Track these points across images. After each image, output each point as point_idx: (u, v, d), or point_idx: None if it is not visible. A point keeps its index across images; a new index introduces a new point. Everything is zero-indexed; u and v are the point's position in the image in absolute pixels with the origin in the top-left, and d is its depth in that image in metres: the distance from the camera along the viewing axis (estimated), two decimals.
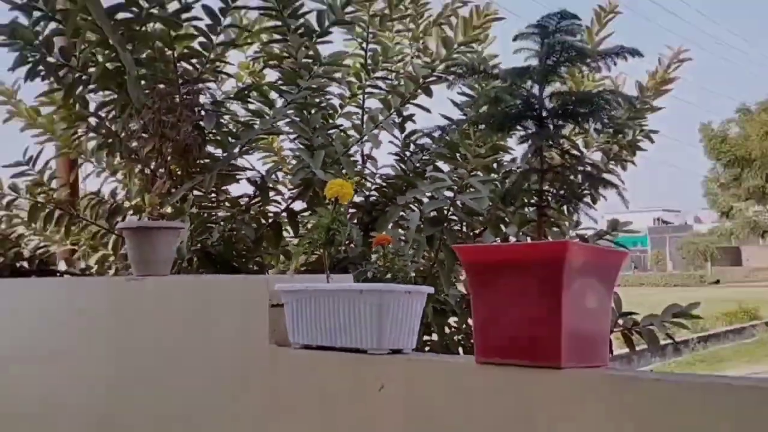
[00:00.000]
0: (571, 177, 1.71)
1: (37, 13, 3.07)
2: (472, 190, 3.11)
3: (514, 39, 1.76)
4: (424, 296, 2.02)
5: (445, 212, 3.07)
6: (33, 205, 3.63)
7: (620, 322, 3.33)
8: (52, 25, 3.14)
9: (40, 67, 3.21)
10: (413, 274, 2.86)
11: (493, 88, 2.09)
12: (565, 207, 1.77)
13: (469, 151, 2.87)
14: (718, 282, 34.48)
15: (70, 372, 2.90)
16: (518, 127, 1.82)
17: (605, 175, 3.61)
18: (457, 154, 3.43)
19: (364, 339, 1.93)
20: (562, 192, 1.70)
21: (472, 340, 3.50)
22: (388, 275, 2.11)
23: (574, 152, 2.43)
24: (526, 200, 2.20)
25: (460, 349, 3.55)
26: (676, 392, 1.39)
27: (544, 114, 1.72)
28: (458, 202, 2.94)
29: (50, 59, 3.20)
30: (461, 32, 3.47)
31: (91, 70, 3.22)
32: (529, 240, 3.07)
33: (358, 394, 1.95)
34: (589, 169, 1.69)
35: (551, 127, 1.74)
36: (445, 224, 3.03)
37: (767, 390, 1.28)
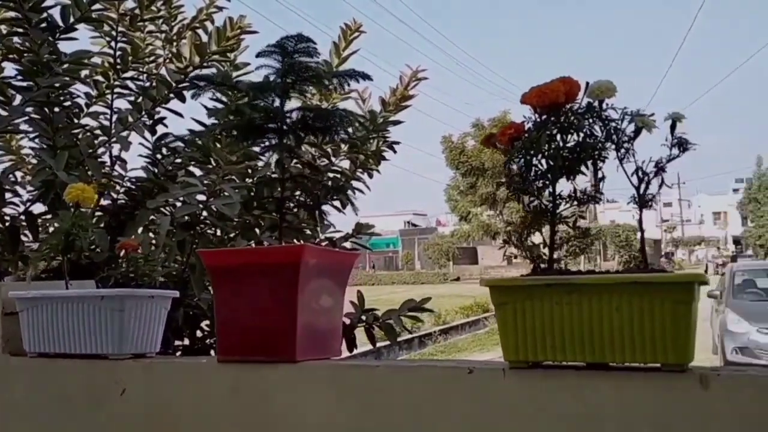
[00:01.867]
0: (311, 186, 1.88)
1: None
2: (227, 194, 3.18)
3: (257, 56, 1.89)
4: (168, 300, 2.08)
5: (199, 217, 3.11)
6: None
7: (363, 318, 3.61)
8: None
9: None
10: (162, 279, 2.87)
11: (239, 99, 2.20)
12: (314, 212, 1.94)
13: (221, 158, 2.94)
14: (458, 279, 37.92)
15: None
16: (266, 137, 1.96)
17: (354, 182, 3.92)
18: (211, 159, 3.48)
19: (105, 344, 1.93)
20: (304, 199, 1.86)
21: None
22: (133, 280, 2.12)
23: (319, 162, 2.62)
24: (271, 207, 2.35)
25: (212, 352, 3.60)
26: (391, 375, 1.62)
27: (285, 127, 1.87)
28: (212, 207, 2.99)
29: None
30: (215, 42, 3.52)
31: None
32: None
33: (99, 400, 1.95)
34: (337, 176, 1.86)
35: (293, 138, 1.90)
36: (198, 229, 3.07)
37: (460, 369, 1.55)
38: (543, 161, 1.53)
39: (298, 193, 2.09)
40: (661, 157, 1.42)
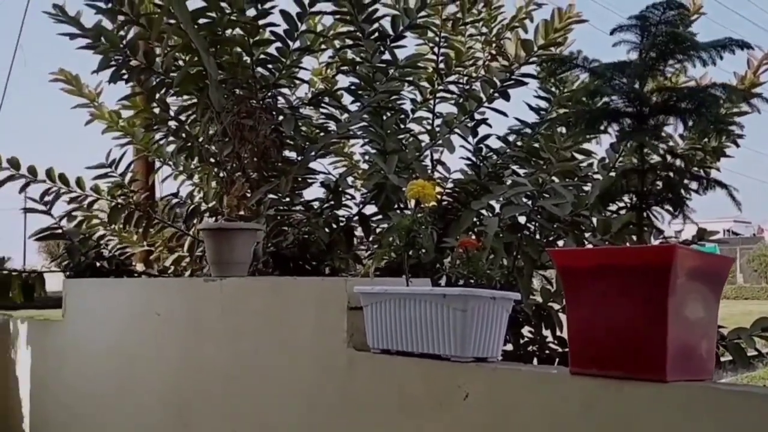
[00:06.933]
0: (676, 178, 1.62)
1: (121, 18, 3.13)
2: (546, 196, 3.02)
3: (612, 32, 1.68)
4: (510, 303, 1.95)
5: (524, 218, 2.99)
6: (113, 207, 3.70)
7: None
8: (136, 29, 3.20)
9: (123, 71, 3.27)
10: (499, 278, 2.79)
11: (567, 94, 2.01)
12: (679, 208, 1.67)
13: (553, 154, 2.77)
14: None
15: (147, 371, 2.93)
16: (614, 125, 1.75)
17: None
18: (534, 159, 3.35)
19: (447, 345, 1.87)
20: (665, 193, 1.60)
21: (547, 351, 3.42)
22: (472, 280, 2.04)
23: (679, 150, 2.31)
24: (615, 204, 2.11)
25: (535, 360, 3.46)
26: None
27: (645, 110, 1.63)
28: (541, 207, 2.85)
29: (133, 62, 3.26)
30: (541, 35, 3.38)
31: (173, 74, 3.26)
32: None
33: (440, 404, 1.88)
34: (695, 170, 1.59)
35: (652, 124, 1.66)
36: (525, 231, 2.95)
37: None
38: None
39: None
40: None
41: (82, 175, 3.84)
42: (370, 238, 3.76)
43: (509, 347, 3.39)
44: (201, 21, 3.00)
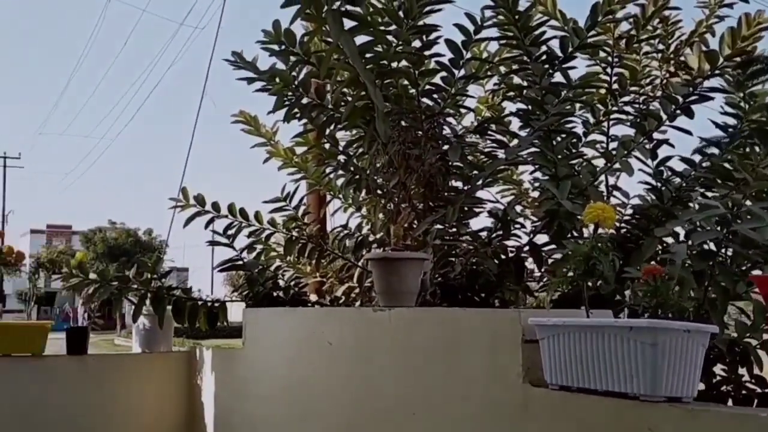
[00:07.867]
0: None
1: (293, 58, 3.27)
2: (739, 220, 2.72)
3: None
4: (706, 337, 1.75)
5: (715, 245, 2.71)
6: (288, 239, 3.85)
7: None
8: (307, 68, 3.32)
9: (296, 109, 3.40)
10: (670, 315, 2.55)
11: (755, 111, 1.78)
12: None
13: (749, 173, 2.49)
14: None
15: (318, 399, 2.97)
16: None
17: None
18: (724, 180, 3.05)
19: (635, 383, 1.70)
20: None
21: (743, 392, 3.06)
22: (659, 312, 1.86)
23: None
24: None
25: (730, 401, 3.12)
26: None
27: None
28: (735, 232, 2.57)
29: (305, 100, 3.38)
30: (727, 44, 3.09)
31: (342, 109, 3.35)
32: None
33: None
34: None
35: None
36: (718, 258, 2.67)
37: None
38: None
39: None
40: None
41: (260, 210, 4.04)
42: (543, 269, 3.60)
43: (700, 386, 3.08)
44: (368, 55, 3.04)
